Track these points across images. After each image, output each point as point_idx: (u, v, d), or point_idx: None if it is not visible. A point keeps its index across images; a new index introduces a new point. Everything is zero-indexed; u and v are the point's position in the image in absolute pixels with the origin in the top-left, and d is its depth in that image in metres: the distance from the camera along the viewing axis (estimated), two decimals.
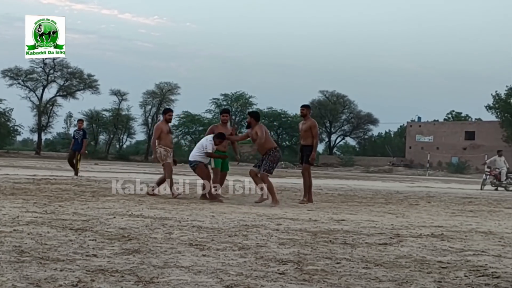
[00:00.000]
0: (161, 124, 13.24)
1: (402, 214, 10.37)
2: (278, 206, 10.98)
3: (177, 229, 6.87)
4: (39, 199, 10.19)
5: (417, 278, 4.57)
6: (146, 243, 5.72)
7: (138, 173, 26.15)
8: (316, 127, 12.56)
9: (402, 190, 20.21)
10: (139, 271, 4.41)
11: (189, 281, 4.15)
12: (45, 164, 35.74)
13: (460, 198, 16.37)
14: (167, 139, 12.95)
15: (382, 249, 6.00)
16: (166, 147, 12.82)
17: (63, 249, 5.19)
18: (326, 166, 67.80)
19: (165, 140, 12.92)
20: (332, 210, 10.55)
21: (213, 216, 8.53)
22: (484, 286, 4.38)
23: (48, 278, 4.04)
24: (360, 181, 29.71)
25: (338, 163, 72.69)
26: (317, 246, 6.05)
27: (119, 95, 76.90)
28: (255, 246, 5.86)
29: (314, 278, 4.44)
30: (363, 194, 16.28)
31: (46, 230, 6.33)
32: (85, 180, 16.65)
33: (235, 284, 4.13)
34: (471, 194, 19.31)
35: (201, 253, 5.32)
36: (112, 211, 8.59)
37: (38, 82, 73.01)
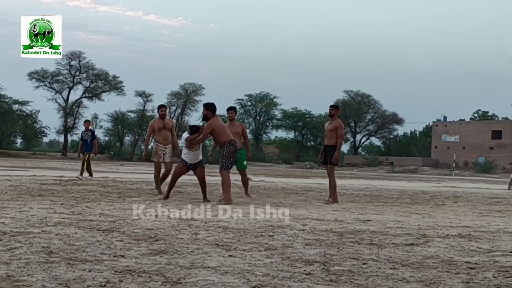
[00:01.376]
0: (153, 121, 13.51)
1: (428, 215, 10.30)
2: (229, 205, 10.25)
3: (203, 230, 6.89)
4: (66, 200, 10.28)
5: (445, 278, 4.54)
6: (172, 244, 5.75)
7: None
8: (342, 128, 12.53)
9: (428, 190, 20.08)
10: (166, 271, 4.43)
11: (216, 281, 4.16)
12: (71, 165, 36.03)
13: (487, 198, 16.22)
14: (159, 136, 13.10)
15: (409, 250, 5.97)
16: (158, 143, 13.04)
17: (91, 250, 5.23)
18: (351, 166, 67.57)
19: (157, 137, 13.22)
20: (357, 211, 10.51)
21: (239, 217, 8.54)
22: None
23: (77, 279, 4.08)
24: (386, 181, 29.57)
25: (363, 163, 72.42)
26: (343, 246, 6.03)
27: (144, 96, 77.31)
28: (281, 246, 5.87)
29: (341, 278, 4.43)
30: (389, 194, 16.20)
31: (74, 231, 6.38)
32: (111, 181, 16.76)
33: (261, 284, 4.13)
34: (499, 194, 19.13)
35: (227, 253, 5.33)
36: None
37: (64, 84, 73.66)
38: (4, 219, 7.16)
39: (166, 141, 13.12)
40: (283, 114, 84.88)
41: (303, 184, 20.69)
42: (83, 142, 20.29)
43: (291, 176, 31.54)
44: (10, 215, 7.61)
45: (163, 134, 13.15)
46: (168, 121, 13.54)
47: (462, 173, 57.69)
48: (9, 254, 4.90)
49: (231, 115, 13.44)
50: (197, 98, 78.54)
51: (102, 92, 75.59)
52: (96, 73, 74.32)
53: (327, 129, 12.62)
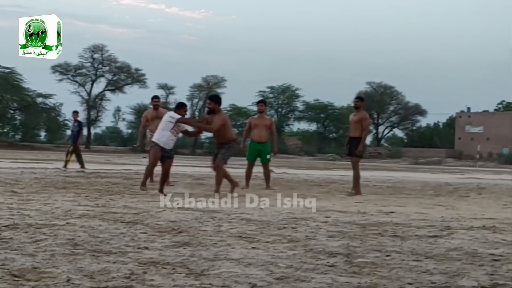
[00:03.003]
0: (147, 112, 14.17)
1: (452, 206, 10.25)
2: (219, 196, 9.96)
3: (226, 222, 6.91)
4: (90, 192, 10.36)
5: (469, 270, 4.52)
6: (196, 236, 5.77)
7: (186, 166, 26.33)
8: (367, 119, 12.50)
9: (451, 181, 19.97)
10: (189, 263, 4.45)
11: (239, 273, 4.18)
12: (94, 158, 36.28)
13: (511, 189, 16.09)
14: (153, 125, 13.34)
15: (433, 242, 5.94)
16: (151, 132, 13.32)
17: (115, 242, 5.27)
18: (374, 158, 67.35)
19: (151, 126, 13.50)
20: (380, 202, 10.48)
21: (262, 209, 8.56)
22: None
23: (102, 270, 4.11)
24: (409, 172, 29.44)
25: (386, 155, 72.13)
26: (366, 238, 6.02)
27: (166, 88, 77.66)
28: (304, 238, 5.87)
29: (364, 270, 4.43)
30: (412, 186, 16.13)
31: (98, 223, 6.43)
32: (134, 174, 16.85)
33: (285, 276, 4.14)
34: None
35: (250, 245, 5.34)
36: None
37: (87, 77, 74.25)
38: (29, 212, 7.24)
39: None
40: (305, 106, 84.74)
41: (325, 176, 20.66)
42: (72, 133, 20.12)
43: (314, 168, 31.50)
44: (35, 208, 7.68)
45: (156, 124, 13.28)
46: (162, 111, 13.70)
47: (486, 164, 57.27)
48: (35, 246, 4.95)
49: (261, 108, 13.53)
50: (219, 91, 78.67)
51: (124, 85, 76.07)
52: (118, 66, 74.78)
53: (352, 121, 12.58)
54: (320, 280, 4.07)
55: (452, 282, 4.18)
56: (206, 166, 24.28)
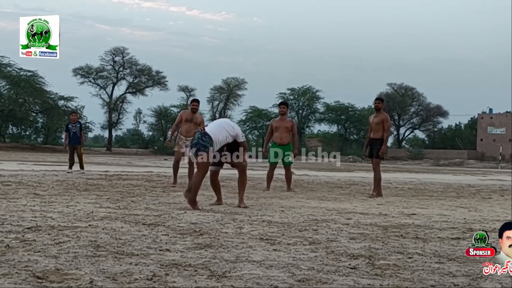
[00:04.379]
0: (183, 111, 14.03)
1: (474, 208, 10.18)
2: None
3: (247, 224, 6.92)
4: (111, 194, 10.41)
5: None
6: (217, 238, 5.78)
7: None
8: (388, 121, 12.46)
9: (474, 183, 19.82)
10: (211, 265, 4.46)
11: (261, 275, 4.18)
12: (116, 160, 36.48)
13: None
14: (183, 127, 13.48)
15: (455, 244, 5.91)
16: (180, 134, 13.47)
17: (137, 244, 5.29)
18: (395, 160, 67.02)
19: (182, 128, 13.55)
20: (402, 204, 10.44)
21: (283, 211, 8.55)
22: None
23: (124, 272, 4.13)
24: (430, 174, 29.27)
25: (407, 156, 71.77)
26: (388, 240, 6.00)
27: (187, 91, 77.79)
28: (326, 240, 5.86)
29: (386, 272, 4.41)
30: (434, 188, 16.03)
31: (120, 225, 6.46)
32: (156, 176, 16.91)
33: (307, 278, 4.14)
34: None
35: (272, 247, 5.34)
36: (183, 206, 8.70)
37: (108, 79, 74.60)
38: (52, 214, 7.29)
39: (187, 133, 13.24)
40: (325, 108, 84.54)
41: (346, 178, 20.60)
42: (72, 134, 19.84)
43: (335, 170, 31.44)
44: (57, 210, 7.73)
45: (187, 126, 13.34)
46: (198, 115, 13.65)
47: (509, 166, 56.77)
48: (58, 248, 4.98)
49: (282, 110, 13.54)
50: (239, 93, 78.82)
51: (145, 87, 76.35)
52: (139, 68, 75.06)
53: (373, 122, 12.54)
54: (342, 282, 4.06)
55: (475, 284, 4.16)
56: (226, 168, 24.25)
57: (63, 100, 69.54)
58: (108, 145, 72.56)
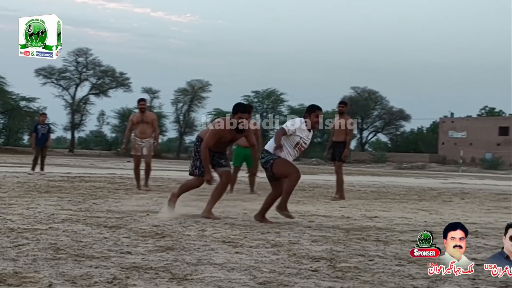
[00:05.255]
0: (132, 115, 13.91)
1: (435, 211, 10.30)
2: None
3: (210, 227, 6.90)
4: (73, 196, 10.31)
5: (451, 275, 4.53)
6: (179, 241, 5.76)
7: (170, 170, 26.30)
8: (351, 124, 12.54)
9: (435, 186, 20.06)
10: (173, 268, 4.44)
11: (222, 278, 4.17)
12: (78, 162, 36.11)
13: (494, 194, 16.20)
14: (137, 130, 13.37)
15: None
16: (135, 137, 13.38)
17: (98, 247, 5.25)
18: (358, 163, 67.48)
19: (136, 130, 13.40)
20: (364, 207, 10.51)
21: (246, 214, 8.56)
22: None
23: (84, 275, 4.09)
24: (393, 177, 29.53)
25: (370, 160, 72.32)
26: (350, 243, 6.04)
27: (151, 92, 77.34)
28: (288, 243, 5.87)
29: (347, 275, 4.43)
30: (396, 191, 16.18)
31: (81, 228, 6.40)
32: (119, 178, 16.79)
33: (268, 281, 4.14)
34: (506, 190, 19.08)
35: (234, 250, 5.34)
36: (146, 209, 8.65)
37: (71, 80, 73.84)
38: (11, 216, 7.19)
39: (142, 135, 13.17)
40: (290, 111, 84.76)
41: (310, 180, 20.68)
42: (40, 135, 19.55)
43: None
44: (17, 212, 7.64)
45: (140, 128, 13.23)
46: (148, 114, 13.54)
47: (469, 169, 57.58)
48: (17, 250, 4.92)
49: None
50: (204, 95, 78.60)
51: (109, 88, 75.73)
52: (103, 69, 74.45)
53: (336, 126, 12.61)
54: (303, 285, 4.07)
55: (434, 286, 4.20)
56: None
57: (25, 100, 68.66)
58: (71, 147, 71.80)
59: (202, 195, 11.56)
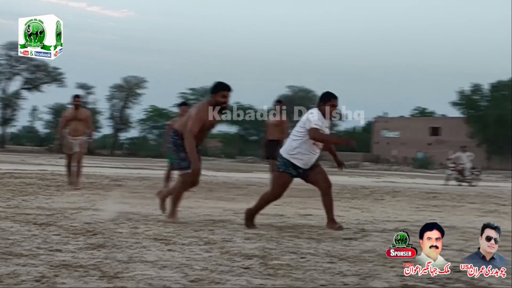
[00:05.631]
0: (66, 111, 13.64)
1: (367, 209, 10.45)
2: None
3: (142, 224, 6.85)
4: (2, 193, 10.07)
5: (380, 272, 4.61)
6: (111, 238, 5.69)
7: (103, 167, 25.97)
8: (286, 122, 12.60)
9: (368, 185, 20.35)
10: (103, 266, 4.38)
11: (153, 275, 4.14)
12: (9, 158, 35.29)
13: (424, 193, 16.54)
14: (70, 127, 13.07)
15: (347, 244, 6.05)
16: (68, 135, 13.02)
17: (27, 244, 5.14)
18: None
19: (69, 128, 13.08)
20: (298, 205, 10.59)
21: (180, 211, 8.50)
22: (445, 280, 4.43)
23: (11, 274, 4.00)
24: None
25: None
26: (282, 241, 6.07)
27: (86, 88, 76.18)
28: (221, 240, 5.87)
29: (279, 272, 4.46)
30: None
31: (10, 225, 6.26)
32: (50, 174, 16.49)
33: (199, 278, 4.13)
34: (436, 189, 19.53)
35: (166, 248, 5.30)
36: (77, 206, 8.52)
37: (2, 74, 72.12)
38: None
39: (75, 132, 12.88)
40: None
41: (244, 178, 20.73)
42: None
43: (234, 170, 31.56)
44: None
45: (73, 125, 12.98)
46: (82, 111, 13.28)
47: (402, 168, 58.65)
48: None
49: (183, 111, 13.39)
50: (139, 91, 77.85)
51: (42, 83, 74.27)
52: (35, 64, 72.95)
53: (270, 124, 12.66)
54: (235, 282, 4.08)
55: (364, 283, 4.26)
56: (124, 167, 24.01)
57: None
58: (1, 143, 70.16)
59: (136, 192, 11.48)
